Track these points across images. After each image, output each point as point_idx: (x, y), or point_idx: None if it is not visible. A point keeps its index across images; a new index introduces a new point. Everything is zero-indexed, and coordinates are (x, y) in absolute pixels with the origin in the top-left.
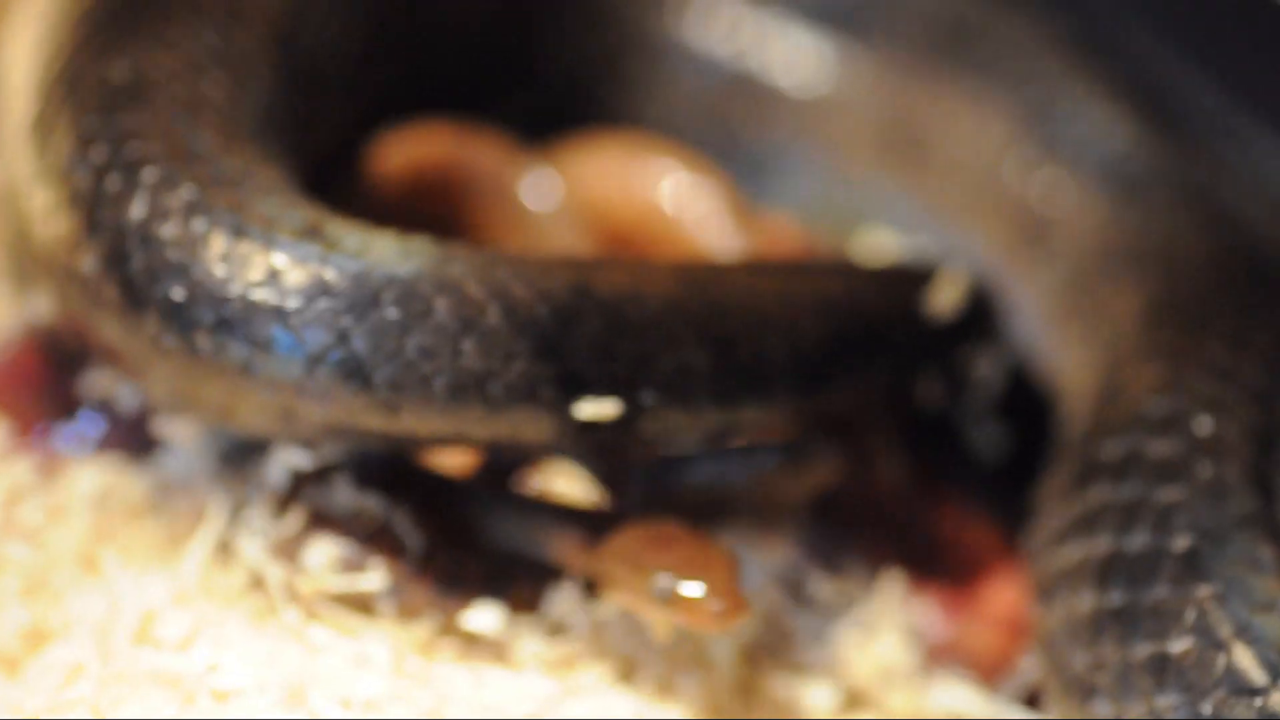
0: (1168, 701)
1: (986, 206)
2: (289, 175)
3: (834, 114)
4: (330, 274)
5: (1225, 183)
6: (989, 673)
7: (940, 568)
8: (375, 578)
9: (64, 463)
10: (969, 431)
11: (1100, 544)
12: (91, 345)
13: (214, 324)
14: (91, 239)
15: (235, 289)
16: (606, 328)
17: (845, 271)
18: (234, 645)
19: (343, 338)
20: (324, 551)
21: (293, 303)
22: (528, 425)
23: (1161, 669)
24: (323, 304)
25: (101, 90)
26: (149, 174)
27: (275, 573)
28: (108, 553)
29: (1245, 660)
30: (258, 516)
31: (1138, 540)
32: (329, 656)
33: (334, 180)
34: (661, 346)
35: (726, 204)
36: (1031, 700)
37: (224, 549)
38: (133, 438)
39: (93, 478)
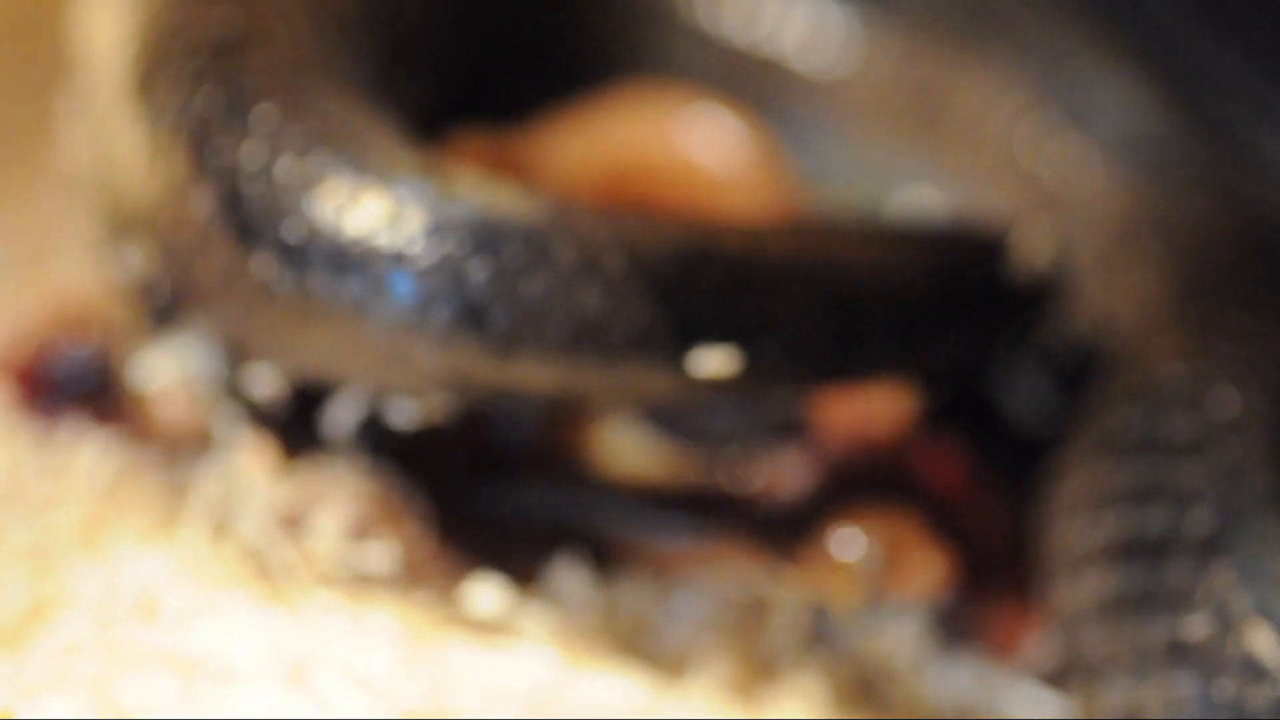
0: (1183, 683)
1: (1007, 180)
2: (398, 125)
3: (855, 87)
4: (449, 216)
5: (1246, 157)
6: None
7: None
8: (380, 551)
9: (66, 437)
10: (1012, 394)
11: (1117, 524)
12: (188, 296)
13: (328, 264)
14: (204, 181)
15: (351, 229)
16: (728, 280)
17: (940, 235)
18: (235, 623)
19: (459, 281)
20: (328, 524)
21: (411, 245)
22: (643, 376)
23: (1177, 650)
24: (442, 247)
25: (210, 37)
26: (263, 114)
27: (277, 547)
28: (109, 529)
29: (1261, 643)
30: (259, 490)
31: (1155, 520)
32: (330, 635)
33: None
34: (779, 302)
35: (766, 152)
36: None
37: (225, 525)
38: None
39: (95, 453)
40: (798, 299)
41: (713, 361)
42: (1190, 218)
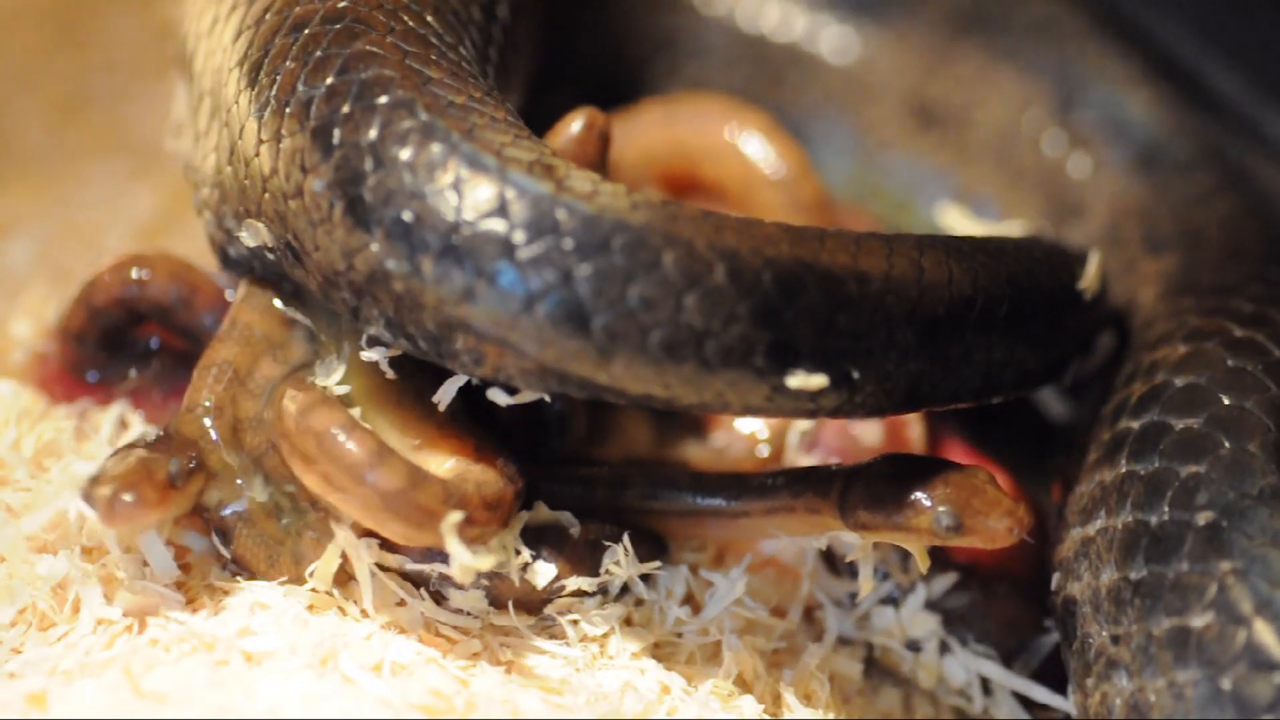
0: (1188, 676)
1: (1017, 183)
2: (512, 114)
3: (866, 89)
4: (561, 213)
5: (1251, 161)
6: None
7: None
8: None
9: (100, 418)
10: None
11: (1123, 517)
12: (305, 274)
13: (440, 249)
14: (323, 160)
15: (466, 216)
16: (827, 301)
17: (1023, 250)
18: (267, 609)
19: (566, 278)
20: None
21: (521, 236)
22: (736, 389)
23: (1182, 643)
24: (551, 241)
25: (327, 21)
26: (383, 97)
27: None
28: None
29: (1266, 635)
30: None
31: (1160, 514)
32: (361, 621)
33: None
34: (875, 323)
35: (795, 160)
36: (1049, 671)
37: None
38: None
39: (129, 435)
40: (896, 319)
41: (808, 379)
42: (1198, 222)
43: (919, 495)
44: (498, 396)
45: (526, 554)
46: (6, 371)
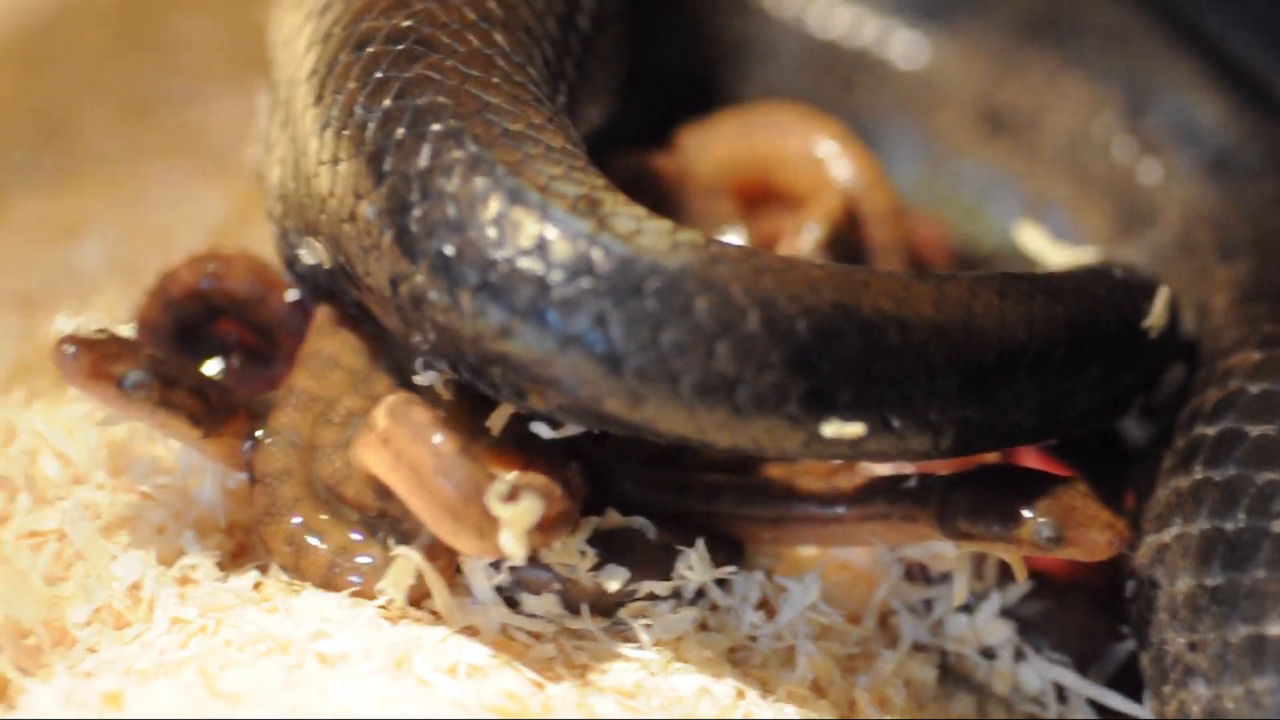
0: (1265, 684)
1: (1086, 189)
2: (573, 142)
3: (936, 95)
4: (597, 254)
5: None
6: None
7: None
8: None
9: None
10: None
11: (1199, 524)
12: (355, 294)
13: (478, 285)
14: (375, 188)
15: (504, 253)
16: (866, 350)
17: (1085, 288)
18: (341, 610)
19: (600, 320)
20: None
21: (557, 276)
22: (770, 436)
23: (1259, 650)
24: (585, 283)
25: (390, 40)
26: (436, 124)
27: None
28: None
29: None
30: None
31: (1236, 521)
32: (435, 625)
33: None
34: (916, 372)
35: (869, 169)
36: (1124, 679)
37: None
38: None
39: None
40: (939, 368)
41: (844, 428)
42: (1270, 228)
43: (1020, 506)
44: (541, 430)
45: (593, 555)
46: None
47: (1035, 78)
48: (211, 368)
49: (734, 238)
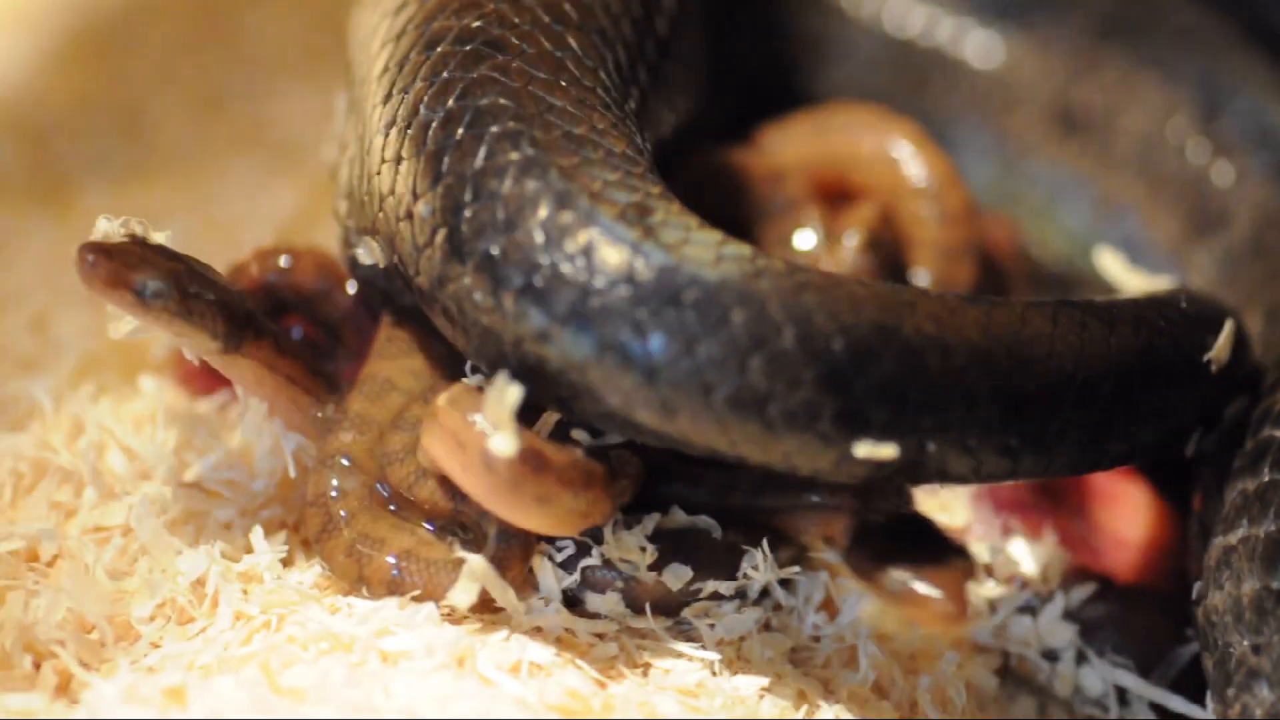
0: None
1: (1159, 191)
2: (636, 148)
3: (1009, 95)
4: (639, 263)
5: None
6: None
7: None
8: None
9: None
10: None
11: (1265, 526)
12: (408, 293)
13: (521, 288)
14: (431, 187)
15: (548, 258)
16: (903, 373)
17: (1143, 319)
18: (403, 609)
19: (637, 329)
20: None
21: (597, 283)
22: (801, 453)
23: None
24: (624, 291)
25: (459, 41)
26: (494, 126)
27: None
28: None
29: None
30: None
31: None
32: (498, 623)
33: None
34: (955, 397)
35: (943, 170)
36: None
37: None
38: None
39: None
40: (979, 395)
41: (877, 449)
42: None
43: (894, 552)
44: (582, 436)
45: (653, 551)
46: (149, 362)
47: (1109, 79)
48: None
49: (811, 235)
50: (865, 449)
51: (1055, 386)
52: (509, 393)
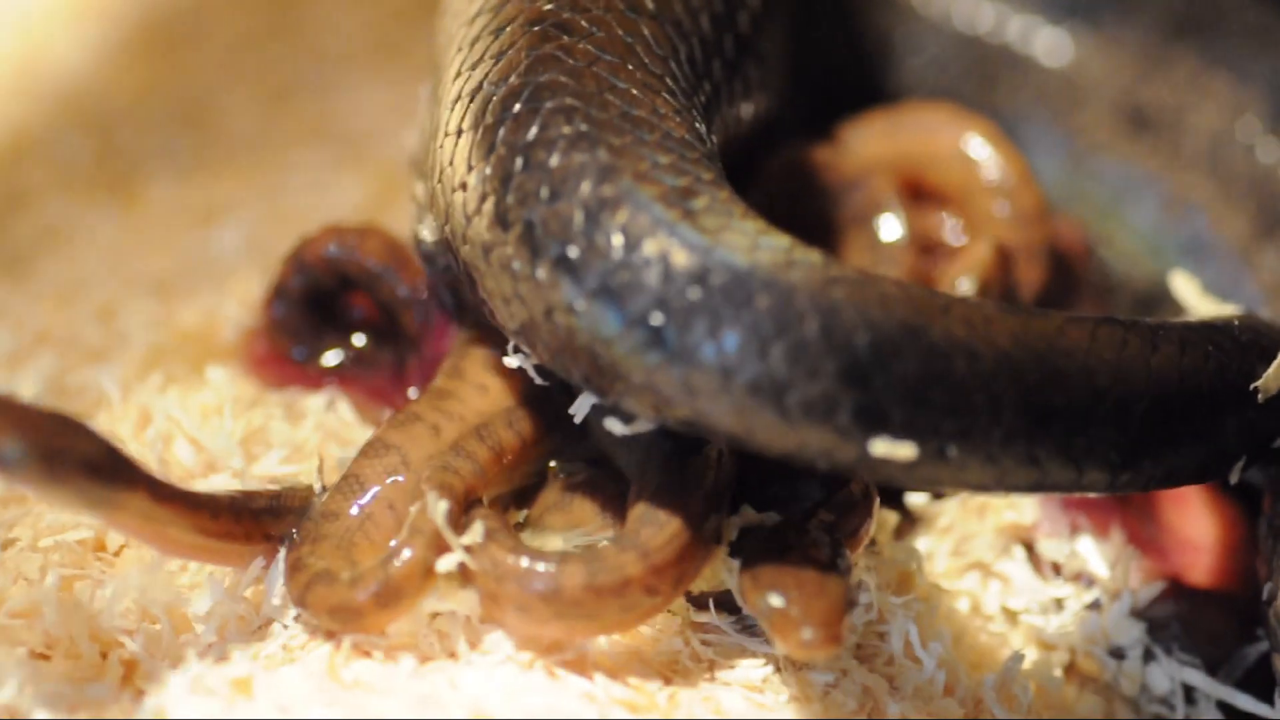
0: None
1: (1228, 191)
2: (697, 135)
3: (1078, 92)
4: (672, 244)
5: None
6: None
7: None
8: None
9: (309, 403)
10: None
11: None
12: (472, 280)
13: (556, 257)
14: (484, 158)
15: (582, 231)
16: (926, 373)
17: (1190, 342)
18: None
19: (664, 309)
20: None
21: (628, 260)
22: (817, 446)
23: None
24: (654, 270)
25: (530, 22)
26: (550, 101)
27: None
28: None
29: None
30: None
31: None
32: None
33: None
34: (980, 404)
35: (1017, 169)
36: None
37: None
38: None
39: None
40: (1005, 404)
41: (895, 448)
42: None
43: (773, 573)
44: (615, 426)
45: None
46: (217, 352)
47: (1179, 77)
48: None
49: (894, 227)
50: (883, 447)
51: (1086, 401)
52: (438, 509)
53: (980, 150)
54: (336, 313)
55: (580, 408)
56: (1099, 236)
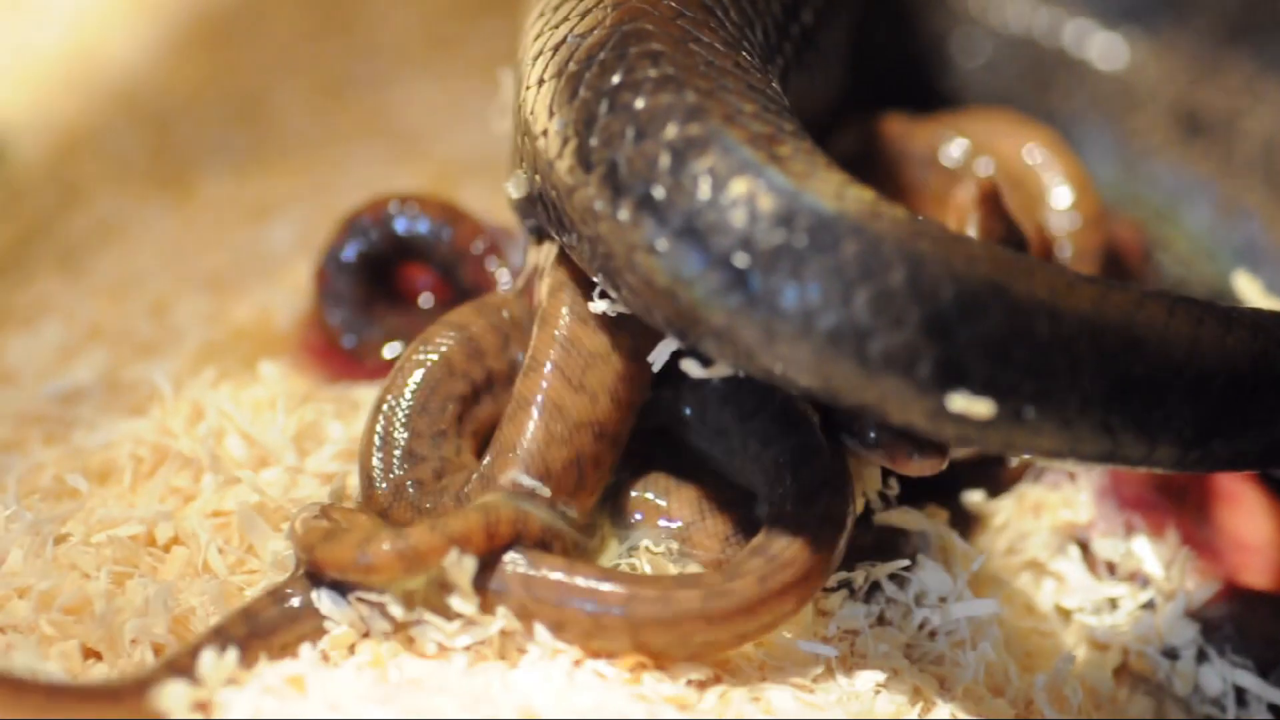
0: None
1: None
2: (776, 91)
3: (1133, 96)
4: (759, 186)
5: None
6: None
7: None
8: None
9: (360, 396)
10: None
11: None
12: (560, 227)
13: (640, 198)
14: (568, 102)
15: (667, 171)
16: (1009, 331)
17: (1263, 327)
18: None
19: (747, 250)
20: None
21: (713, 200)
22: (895, 398)
23: None
24: (740, 212)
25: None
26: (635, 47)
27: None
28: None
29: None
30: None
31: None
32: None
33: None
34: (1060, 365)
35: (1076, 174)
36: None
37: None
38: None
39: None
40: (1085, 366)
41: (972, 404)
42: None
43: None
44: (692, 368)
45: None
46: (270, 347)
47: (1233, 81)
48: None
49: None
50: (961, 402)
51: (1164, 373)
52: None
53: (1039, 155)
54: (388, 278)
55: (659, 355)
56: (1156, 239)
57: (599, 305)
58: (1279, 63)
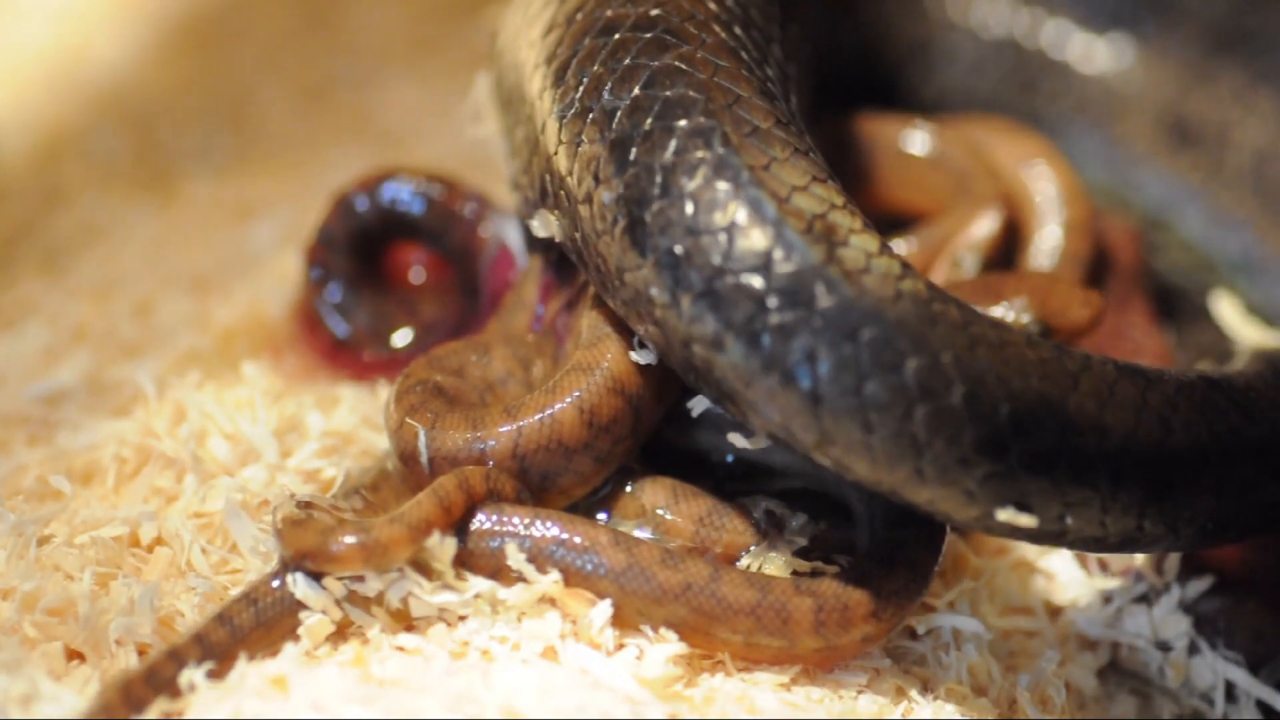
0: None
1: (1272, 207)
2: (809, 144)
3: (1121, 102)
4: (820, 288)
5: None
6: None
7: None
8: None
9: (340, 392)
10: None
11: None
12: (581, 265)
13: (701, 291)
14: (616, 175)
15: (730, 264)
16: (1059, 449)
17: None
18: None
19: (809, 355)
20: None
21: (775, 301)
22: (946, 504)
23: None
24: (802, 315)
25: (638, 28)
26: (684, 120)
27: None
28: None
29: None
30: None
31: None
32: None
33: None
34: (1102, 479)
35: (1068, 182)
36: None
37: None
38: None
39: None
40: (1125, 482)
41: (1018, 517)
42: None
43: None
44: (737, 440)
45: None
46: (255, 344)
47: (1224, 91)
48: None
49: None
50: (1007, 514)
51: (1195, 476)
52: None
53: (1031, 164)
54: (378, 258)
55: (697, 405)
56: (1151, 246)
57: (640, 356)
58: (1272, 73)
